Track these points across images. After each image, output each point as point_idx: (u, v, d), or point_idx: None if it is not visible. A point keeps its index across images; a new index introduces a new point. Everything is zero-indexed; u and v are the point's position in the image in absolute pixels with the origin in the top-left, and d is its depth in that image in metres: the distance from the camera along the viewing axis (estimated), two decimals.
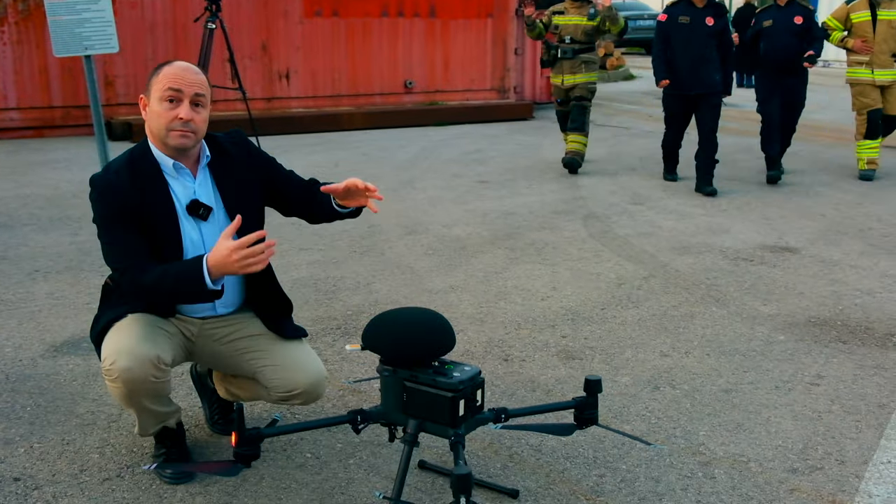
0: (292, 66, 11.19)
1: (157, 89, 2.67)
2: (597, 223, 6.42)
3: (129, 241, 2.67)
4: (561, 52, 8.18)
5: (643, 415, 3.38)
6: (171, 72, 2.69)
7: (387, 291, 4.78)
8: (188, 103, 2.67)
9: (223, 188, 2.83)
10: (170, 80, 2.67)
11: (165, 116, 2.66)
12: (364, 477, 2.90)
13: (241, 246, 2.49)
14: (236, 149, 2.90)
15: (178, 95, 2.66)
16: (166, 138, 2.69)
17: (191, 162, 2.79)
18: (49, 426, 3.21)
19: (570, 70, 8.20)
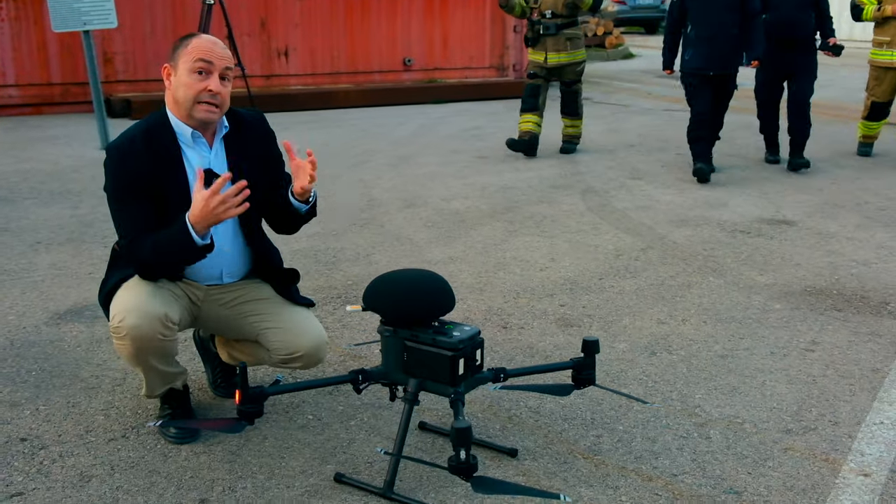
0: (291, 43, 11.17)
1: (186, 60, 2.69)
2: (595, 197, 6.45)
3: (137, 213, 2.71)
4: (543, 28, 7.65)
5: (640, 379, 3.43)
6: (201, 44, 2.70)
7: (387, 262, 4.81)
8: (217, 76, 2.70)
9: (235, 161, 2.86)
10: (201, 52, 2.68)
11: (194, 87, 2.69)
12: (365, 437, 2.95)
13: (213, 192, 2.52)
14: (255, 127, 2.94)
15: (209, 67, 2.69)
16: (193, 110, 2.72)
17: (209, 133, 2.82)
18: (54, 389, 3.26)
19: (553, 47, 7.67)
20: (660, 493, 2.63)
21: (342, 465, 2.76)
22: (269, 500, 2.57)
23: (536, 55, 7.78)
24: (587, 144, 8.66)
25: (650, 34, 25.21)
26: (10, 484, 2.64)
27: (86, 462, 2.76)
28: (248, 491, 2.62)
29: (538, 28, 7.68)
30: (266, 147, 2.96)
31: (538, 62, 7.79)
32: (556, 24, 7.62)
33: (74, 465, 2.74)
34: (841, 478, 2.73)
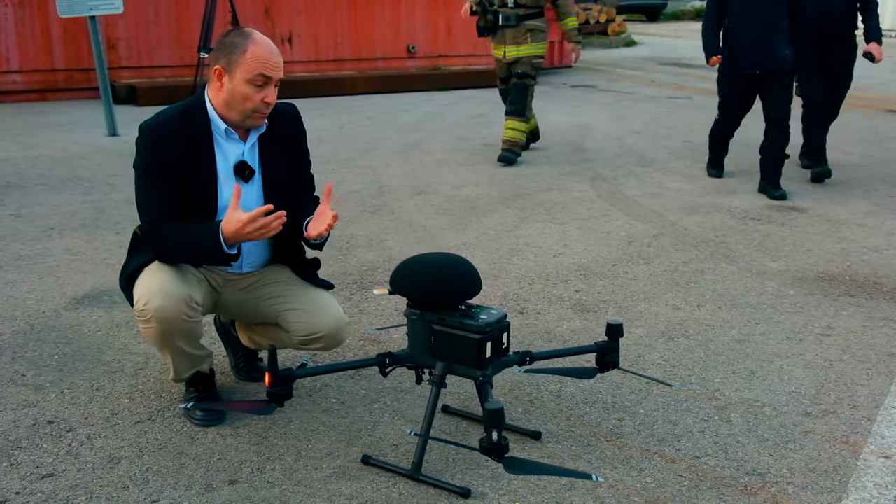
0: (295, 29, 11.15)
1: (245, 70, 2.67)
2: (604, 184, 6.46)
3: (164, 194, 2.73)
4: (502, 17, 6.68)
5: (659, 363, 3.45)
6: (262, 55, 2.69)
7: (400, 248, 4.83)
8: (273, 88, 2.72)
9: (266, 156, 2.88)
10: (262, 66, 2.68)
11: (253, 100, 2.70)
12: (389, 420, 2.97)
13: (251, 219, 2.58)
14: (290, 125, 2.96)
15: (269, 82, 2.70)
16: (248, 119, 2.74)
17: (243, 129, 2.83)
18: (77, 373, 3.28)
19: (513, 40, 6.74)
20: (684, 475, 2.66)
21: (368, 448, 2.78)
22: (299, 482, 2.60)
23: (497, 50, 6.91)
24: (594, 130, 8.67)
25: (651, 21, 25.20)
26: (41, 465, 2.66)
27: (114, 444, 2.78)
28: (277, 472, 2.64)
29: (497, 16, 6.70)
30: (298, 146, 2.98)
31: (499, 58, 6.93)
32: (517, 15, 6.68)
33: (103, 447, 2.76)
34: (862, 460, 2.76)
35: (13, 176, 6.34)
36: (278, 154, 2.89)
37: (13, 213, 5.40)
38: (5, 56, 9.60)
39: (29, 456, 2.71)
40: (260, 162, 2.87)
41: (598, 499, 2.52)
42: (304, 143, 3.01)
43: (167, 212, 2.72)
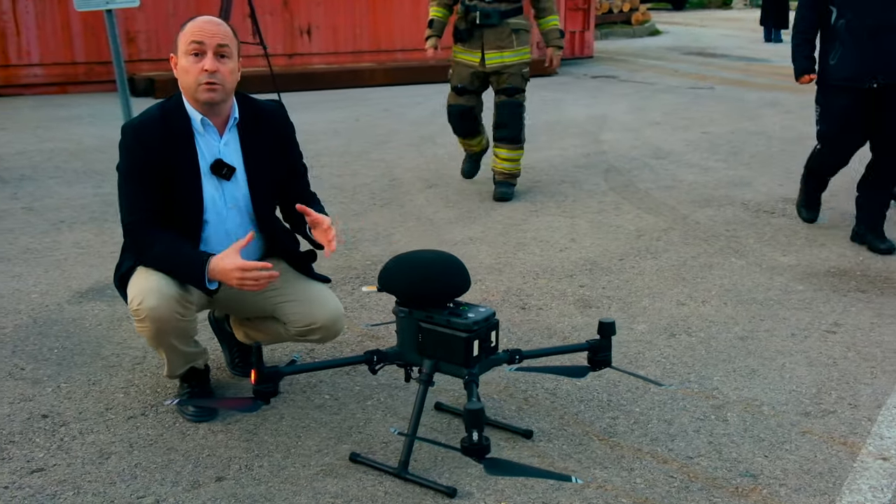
0: (313, 21, 11.16)
1: (182, 44, 2.71)
2: (618, 177, 6.40)
3: (145, 194, 2.73)
4: (480, 15, 5.36)
5: (658, 360, 3.41)
6: (194, 25, 2.72)
7: (406, 242, 4.81)
8: (212, 55, 2.69)
9: (248, 151, 2.86)
10: (192, 34, 2.69)
11: (192, 70, 2.69)
12: (381, 417, 2.96)
13: (245, 268, 2.61)
14: (273, 118, 2.93)
15: (201, 48, 2.68)
16: (196, 93, 2.72)
17: (220, 120, 2.81)
18: (76, 367, 3.30)
19: (495, 44, 5.41)
20: (675, 476, 2.62)
21: (358, 445, 2.77)
22: (286, 479, 2.59)
23: (466, 54, 5.52)
24: (611, 122, 8.59)
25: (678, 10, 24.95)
26: (31, 460, 2.67)
27: (105, 439, 2.80)
28: (265, 469, 2.64)
29: (473, 16, 5.40)
30: (283, 139, 2.95)
31: (470, 65, 5.51)
32: (498, 11, 5.39)
33: (94, 442, 2.78)
34: (859, 461, 2.71)
35: (28, 169, 6.39)
36: (263, 151, 2.87)
37: (25, 206, 5.45)
38: (26, 49, 9.69)
39: (21, 450, 2.73)
40: (243, 159, 2.85)
41: (585, 499, 2.49)
42: (293, 139, 2.99)
43: (148, 214, 2.72)
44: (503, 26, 5.42)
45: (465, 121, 5.71)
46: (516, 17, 5.45)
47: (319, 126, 8.26)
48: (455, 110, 5.71)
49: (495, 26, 5.41)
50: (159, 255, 2.71)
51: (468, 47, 5.52)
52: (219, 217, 2.84)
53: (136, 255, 2.77)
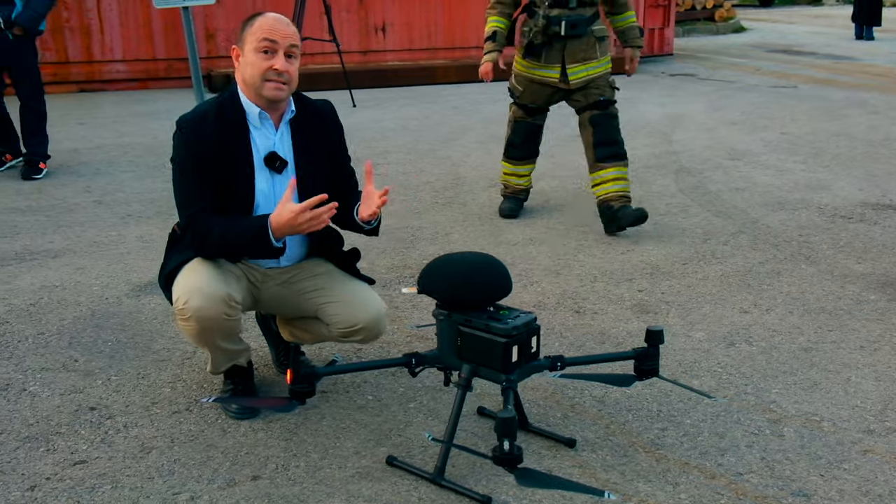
0: (388, 18, 11.18)
1: (251, 40, 2.70)
2: (688, 178, 6.23)
3: (201, 187, 2.74)
4: (567, 26, 4.67)
5: (714, 370, 3.28)
6: (265, 23, 2.71)
7: (464, 242, 4.76)
8: (283, 54, 2.70)
9: (299, 146, 2.86)
10: (265, 31, 2.69)
11: (260, 67, 2.69)
12: (422, 420, 2.91)
13: (303, 209, 2.60)
14: (323, 115, 2.94)
15: (274, 46, 2.69)
16: (261, 89, 2.72)
17: (276, 114, 2.82)
18: (127, 361, 3.34)
19: (578, 56, 4.76)
20: (722, 492, 2.51)
21: (396, 448, 2.73)
22: (320, 480, 2.57)
23: (543, 70, 4.84)
24: (686, 122, 8.37)
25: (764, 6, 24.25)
26: (75, 452, 2.71)
27: (148, 433, 2.82)
28: (301, 470, 2.62)
29: (555, 28, 4.69)
30: (332, 137, 2.95)
31: (548, 82, 4.86)
32: (584, 19, 4.72)
33: (137, 437, 2.80)
34: None
35: (104, 163, 6.55)
36: (312, 146, 2.87)
37: (97, 199, 5.58)
38: (109, 46, 9.96)
39: (66, 441, 2.77)
40: (293, 153, 2.85)
41: None
42: (340, 137, 2.97)
43: (206, 204, 2.73)
44: (588, 36, 4.78)
45: (533, 141, 5.18)
46: (597, 24, 4.85)
47: (389, 123, 8.27)
48: (523, 128, 5.12)
49: (580, 37, 4.75)
50: (220, 236, 2.71)
51: (545, 62, 4.81)
52: (270, 210, 2.83)
53: (196, 246, 2.77)
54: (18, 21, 5.82)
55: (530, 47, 4.82)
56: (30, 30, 5.90)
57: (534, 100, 4.98)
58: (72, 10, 9.79)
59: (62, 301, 3.91)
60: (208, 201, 2.73)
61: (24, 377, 3.20)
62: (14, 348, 3.44)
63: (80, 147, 7.11)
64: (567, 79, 4.82)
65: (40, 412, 2.95)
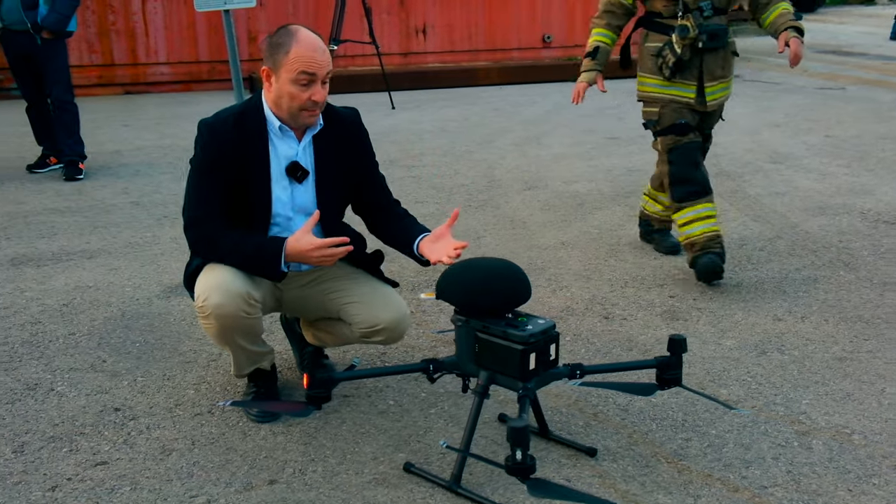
0: (429, 20, 11.18)
1: (288, 69, 2.66)
2: (727, 181, 6.12)
3: (213, 192, 2.76)
4: (708, 37, 3.93)
5: (743, 379, 3.21)
6: (303, 54, 2.65)
7: (495, 245, 4.73)
8: (320, 85, 2.70)
9: (321, 157, 2.86)
10: (304, 64, 2.66)
11: (299, 98, 2.68)
12: (443, 426, 2.89)
13: (323, 245, 2.65)
14: (349, 126, 2.93)
15: (313, 79, 2.68)
16: (298, 118, 2.74)
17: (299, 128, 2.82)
18: (154, 362, 3.37)
19: (716, 72, 4.07)
20: None
21: (415, 454, 2.72)
22: (337, 486, 2.56)
23: (678, 88, 4.06)
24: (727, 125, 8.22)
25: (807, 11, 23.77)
26: (97, 452, 2.74)
27: (170, 435, 2.84)
28: (318, 475, 2.61)
29: (698, 41, 3.94)
30: (357, 147, 2.94)
31: (684, 103, 4.07)
32: (723, 29, 4.02)
33: (158, 438, 2.82)
34: None
35: (143, 165, 6.64)
36: (335, 156, 2.86)
37: (134, 200, 5.66)
38: (154, 48, 10.10)
39: (89, 442, 2.80)
40: (315, 165, 2.85)
41: None
42: (366, 146, 2.96)
43: (212, 210, 2.75)
44: (725, 49, 4.08)
45: (700, 164, 4.21)
46: (731, 35, 4.14)
47: (427, 125, 8.26)
48: (683, 154, 4.10)
49: (717, 50, 4.03)
50: (231, 247, 2.73)
51: (681, 79, 4.04)
52: (286, 220, 2.84)
53: (204, 250, 2.79)
54: (45, 24, 5.94)
55: (675, 64, 3.98)
56: (58, 32, 6.00)
57: (681, 115, 4.08)
58: (118, 13, 9.96)
59: (94, 301, 3.96)
60: (214, 207, 2.74)
61: (53, 377, 3.24)
62: (45, 348, 3.49)
63: (122, 149, 7.22)
64: (704, 100, 4.07)
65: (66, 412, 2.99)
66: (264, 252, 2.71)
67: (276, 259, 2.69)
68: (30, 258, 4.56)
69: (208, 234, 2.77)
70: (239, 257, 2.73)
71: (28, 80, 6.27)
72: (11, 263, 4.49)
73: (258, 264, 2.73)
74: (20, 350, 3.48)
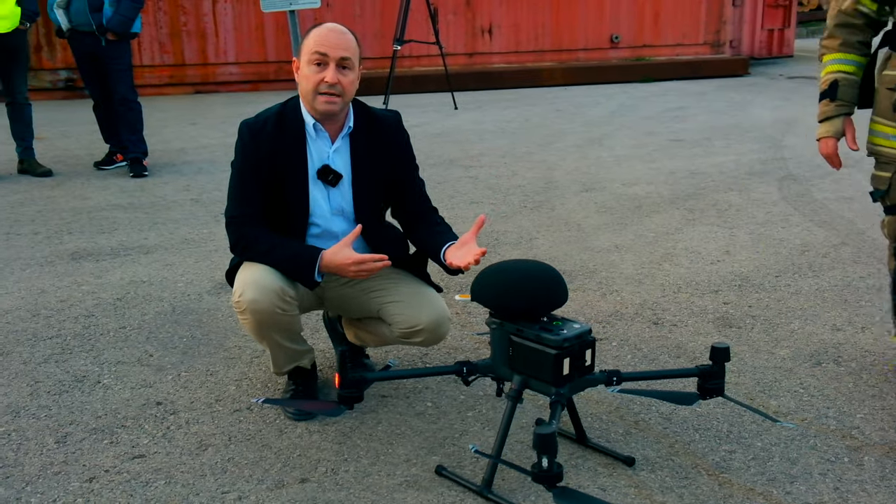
0: (495, 20, 11.14)
1: (306, 52, 2.70)
2: (794, 185, 5.94)
3: (252, 193, 2.78)
4: None
5: (795, 391, 3.09)
6: (319, 35, 2.69)
7: (547, 248, 4.66)
8: (334, 66, 2.68)
9: (357, 159, 2.85)
10: (316, 44, 2.68)
11: (312, 80, 2.68)
12: (479, 430, 2.85)
13: (360, 261, 2.65)
14: (387, 127, 2.90)
15: (324, 59, 2.67)
16: (314, 102, 2.72)
17: (334, 127, 2.81)
18: (198, 357, 3.40)
19: None
20: None
21: (449, 457, 2.68)
22: (367, 487, 2.54)
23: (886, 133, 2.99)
24: (799, 127, 8.01)
25: None
26: (136, 446, 2.77)
27: (207, 430, 2.86)
28: (350, 475, 2.60)
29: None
30: (395, 150, 2.91)
31: None
32: None
33: (196, 433, 2.84)
34: None
35: (206, 162, 6.75)
36: (371, 159, 2.84)
37: (194, 198, 5.75)
38: (223, 49, 10.28)
39: (129, 435, 2.83)
40: (352, 167, 2.84)
41: None
42: (405, 150, 2.93)
43: (251, 211, 2.76)
44: None
45: None
46: None
47: (488, 125, 8.22)
48: None
49: None
50: (268, 248, 2.74)
51: None
52: (325, 221, 2.84)
53: (241, 250, 2.81)
54: (109, 26, 6.08)
55: None
56: (122, 33, 6.15)
57: None
58: (189, 14, 10.16)
59: (147, 296, 4.03)
60: (254, 208, 2.75)
61: (101, 370, 3.30)
62: (95, 341, 3.56)
63: (188, 146, 7.35)
64: None
65: (110, 405, 3.03)
66: (300, 260, 2.71)
67: (310, 269, 2.70)
68: (89, 253, 4.67)
69: (247, 236, 2.78)
70: (274, 261, 2.74)
71: (94, 79, 6.44)
72: (72, 258, 4.60)
73: (293, 271, 2.73)
74: (72, 342, 3.55)
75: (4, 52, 6.15)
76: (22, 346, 3.52)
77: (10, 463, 2.67)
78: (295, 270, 2.73)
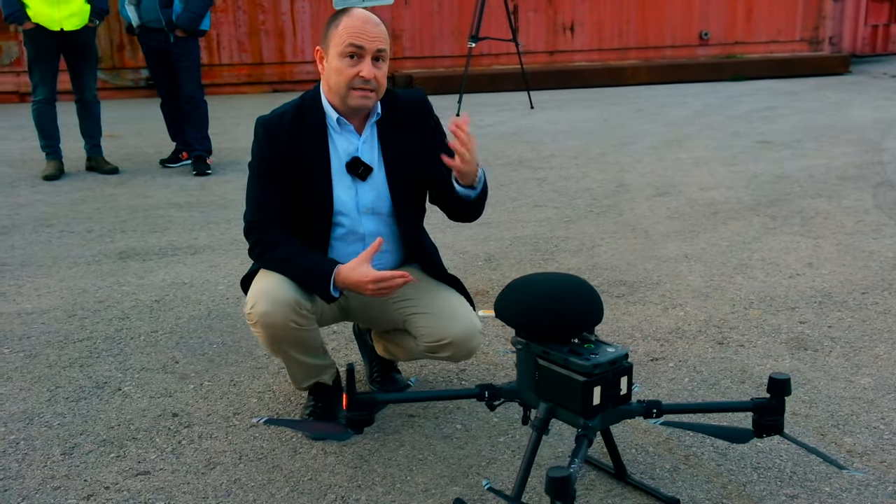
0: (577, 17, 10.79)
1: (336, 43, 2.48)
2: (890, 192, 5.46)
3: (271, 195, 2.59)
4: None
5: (875, 427, 2.73)
6: (352, 25, 2.46)
7: (609, 256, 4.35)
8: (370, 59, 2.47)
9: (388, 149, 2.63)
10: (351, 35, 2.45)
11: (346, 74, 2.47)
12: (509, 459, 2.59)
13: (378, 279, 2.43)
14: (413, 109, 2.67)
15: (360, 52, 2.45)
16: (347, 98, 2.51)
17: (359, 118, 2.60)
18: (225, 366, 3.23)
19: None
20: None
21: (471, 489, 2.43)
22: None
23: None
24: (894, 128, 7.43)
25: None
26: (143, 461, 2.61)
27: (219, 447, 2.67)
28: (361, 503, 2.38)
29: None
30: (424, 130, 2.67)
31: None
32: None
33: (207, 449, 2.66)
34: None
35: None
36: (402, 147, 2.61)
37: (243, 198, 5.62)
38: (300, 47, 10.23)
39: (138, 449, 2.67)
40: (383, 159, 2.61)
41: None
42: (433, 124, 2.68)
43: (274, 213, 2.57)
44: None
45: None
46: None
47: (563, 125, 7.91)
48: None
49: None
50: (283, 257, 2.56)
51: None
52: (350, 220, 2.62)
53: (258, 256, 2.63)
54: (179, 23, 6.03)
55: None
56: (191, 30, 6.09)
57: None
58: (267, 13, 10.14)
59: (185, 299, 3.89)
60: (274, 210, 2.56)
61: (123, 376, 3.16)
62: (125, 345, 3.43)
63: None
64: None
65: (125, 415, 2.88)
66: (314, 273, 2.51)
67: (324, 285, 2.49)
68: (137, 252, 4.58)
69: (265, 241, 2.60)
70: (290, 272, 2.54)
71: (163, 76, 6.40)
72: (119, 257, 4.51)
73: (308, 285, 2.54)
74: (101, 346, 3.43)
75: (74, 50, 6.16)
76: (51, 348, 3.42)
77: (11, 474, 2.54)
78: (310, 285, 2.53)
